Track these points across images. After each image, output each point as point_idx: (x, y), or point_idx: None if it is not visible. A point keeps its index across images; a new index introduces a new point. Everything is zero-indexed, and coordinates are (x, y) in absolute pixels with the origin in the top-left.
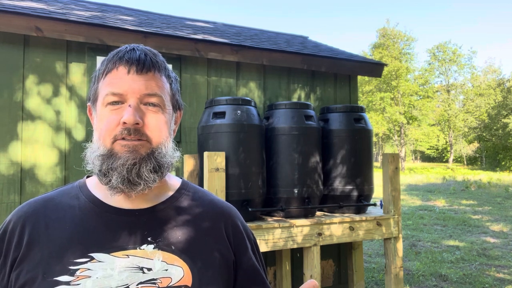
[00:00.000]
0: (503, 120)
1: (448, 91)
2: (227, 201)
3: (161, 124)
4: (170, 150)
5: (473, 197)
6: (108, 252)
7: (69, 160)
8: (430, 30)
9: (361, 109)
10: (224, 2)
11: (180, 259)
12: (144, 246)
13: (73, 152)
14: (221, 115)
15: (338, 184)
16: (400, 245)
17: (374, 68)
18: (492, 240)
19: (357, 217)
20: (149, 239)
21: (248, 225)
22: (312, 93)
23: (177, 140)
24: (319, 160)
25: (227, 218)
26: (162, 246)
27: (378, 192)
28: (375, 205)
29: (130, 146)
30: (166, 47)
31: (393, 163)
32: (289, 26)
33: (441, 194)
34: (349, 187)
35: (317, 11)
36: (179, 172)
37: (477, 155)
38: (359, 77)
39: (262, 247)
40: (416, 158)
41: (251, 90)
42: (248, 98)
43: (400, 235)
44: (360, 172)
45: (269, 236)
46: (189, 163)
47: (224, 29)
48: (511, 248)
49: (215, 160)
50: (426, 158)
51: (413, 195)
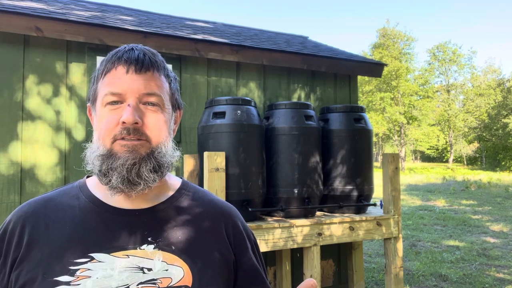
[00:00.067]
0: (503, 120)
1: (448, 91)
2: (227, 201)
3: (160, 123)
4: (170, 149)
5: (473, 197)
6: (108, 252)
7: (69, 160)
8: (430, 30)
9: (361, 109)
10: (224, 2)
11: (180, 259)
12: (144, 246)
13: (73, 152)
14: (221, 115)
15: (338, 184)
16: (400, 245)
17: (374, 68)
18: (492, 240)
19: (357, 217)
20: (149, 239)
21: (248, 225)
22: (312, 93)
23: (177, 140)
24: (319, 160)
25: (227, 218)
26: (162, 246)
27: (378, 192)
28: (375, 205)
29: (130, 146)
30: (166, 47)
31: (393, 163)
32: (289, 26)
33: (441, 194)
34: (349, 187)
35: (317, 11)
36: (179, 172)
37: (477, 155)
38: (359, 77)
39: (262, 247)
40: (416, 158)
41: (251, 90)
42: (248, 98)
43: (400, 235)
44: (360, 172)
45: (269, 236)
46: (189, 163)
47: (224, 29)
48: (511, 248)
49: (215, 160)
50: (426, 158)
51: (413, 195)
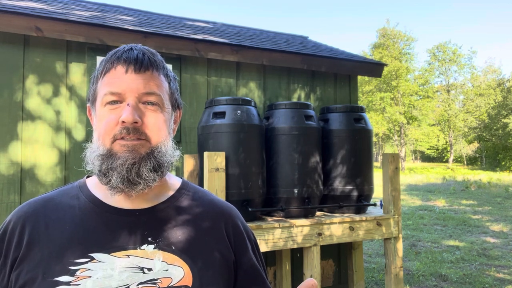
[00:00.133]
0: (503, 120)
1: (448, 91)
2: (227, 201)
3: (160, 123)
4: (169, 149)
5: (473, 197)
6: (108, 252)
7: (69, 160)
8: (430, 30)
9: (361, 109)
10: (224, 2)
11: (181, 259)
12: (144, 246)
13: (73, 152)
14: (221, 115)
15: (338, 184)
16: (400, 245)
17: (374, 68)
18: (492, 240)
19: (357, 217)
20: (149, 239)
21: (248, 225)
22: (312, 93)
23: (177, 140)
24: (319, 160)
25: (227, 218)
26: (163, 246)
27: (378, 192)
28: (375, 205)
29: (130, 145)
30: (166, 47)
31: (393, 163)
32: (289, 26)
33: (441, 194)
34: (349, 187)
35: (317, 11)
36: (179, 172)
37: (477, 155)
38: (359, 77)
39: (262, 247)
40: (416, 158)
41: (251, 90)
42: (248, 98)
43: (400, 235)
44: (360, 172)
45: (269, 236)
46: (189, 163)
47: (224, 29)
48: (511, 248)
49: (215, 160)
50: (426, 158)
51: (413, 195)
